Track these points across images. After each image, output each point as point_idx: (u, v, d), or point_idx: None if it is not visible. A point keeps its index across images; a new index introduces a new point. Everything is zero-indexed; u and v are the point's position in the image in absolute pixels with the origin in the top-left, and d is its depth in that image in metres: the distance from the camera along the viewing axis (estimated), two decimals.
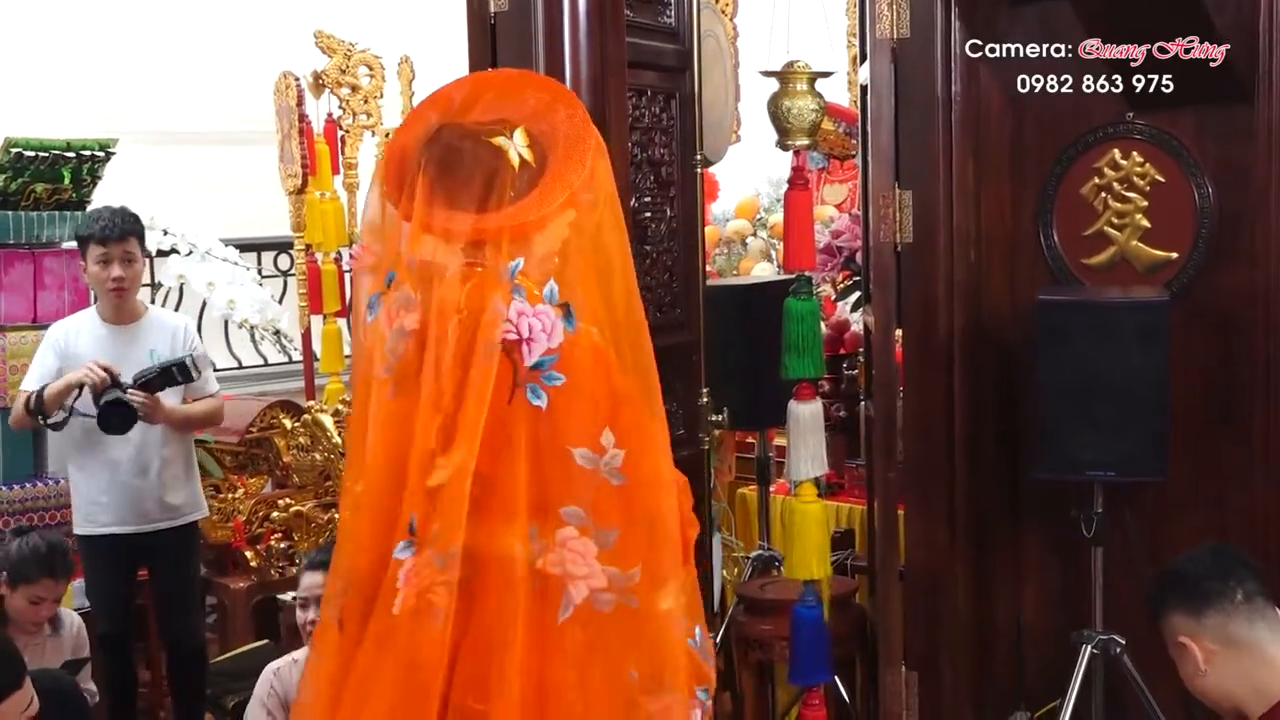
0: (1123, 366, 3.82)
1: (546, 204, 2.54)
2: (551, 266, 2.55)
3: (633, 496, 2.52)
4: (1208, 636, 2.73)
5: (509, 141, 2.57)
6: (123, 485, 4.75)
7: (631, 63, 3.70)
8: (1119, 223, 4.14)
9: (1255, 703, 2.70)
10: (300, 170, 6.47)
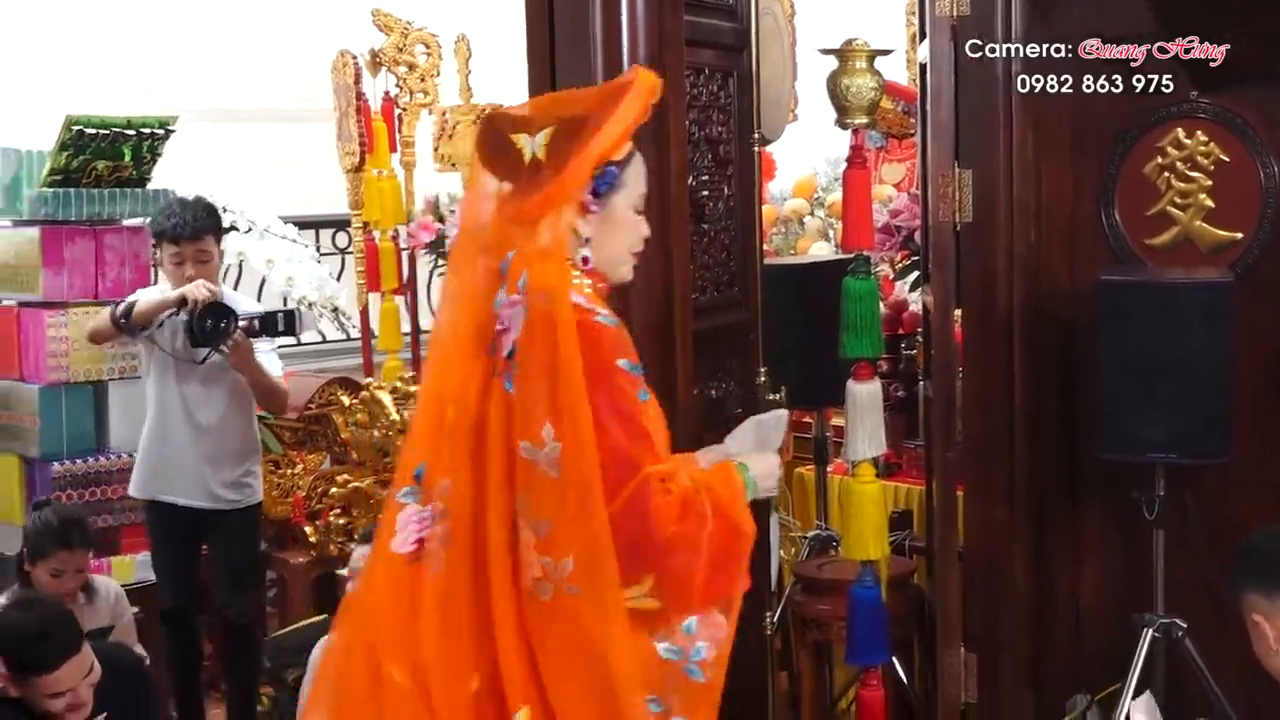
0: (1185, 347, 3.79)
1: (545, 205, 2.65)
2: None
3: (565, 490, 2.53)
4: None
5: (528, 139, 2.66)
6: (190, 462, 4.82)
7: (689, 41, 3.70)
8: (1182, 202, 4.11)
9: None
10: (358, 148, 6.50)
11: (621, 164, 2.74)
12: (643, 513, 2.57)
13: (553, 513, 2.54)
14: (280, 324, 4.76)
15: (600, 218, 2.75)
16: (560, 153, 2.65)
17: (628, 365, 2.64)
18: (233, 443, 4.89)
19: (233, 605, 4.96)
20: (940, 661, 4.27)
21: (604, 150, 2.67)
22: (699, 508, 2.63)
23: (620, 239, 2.80)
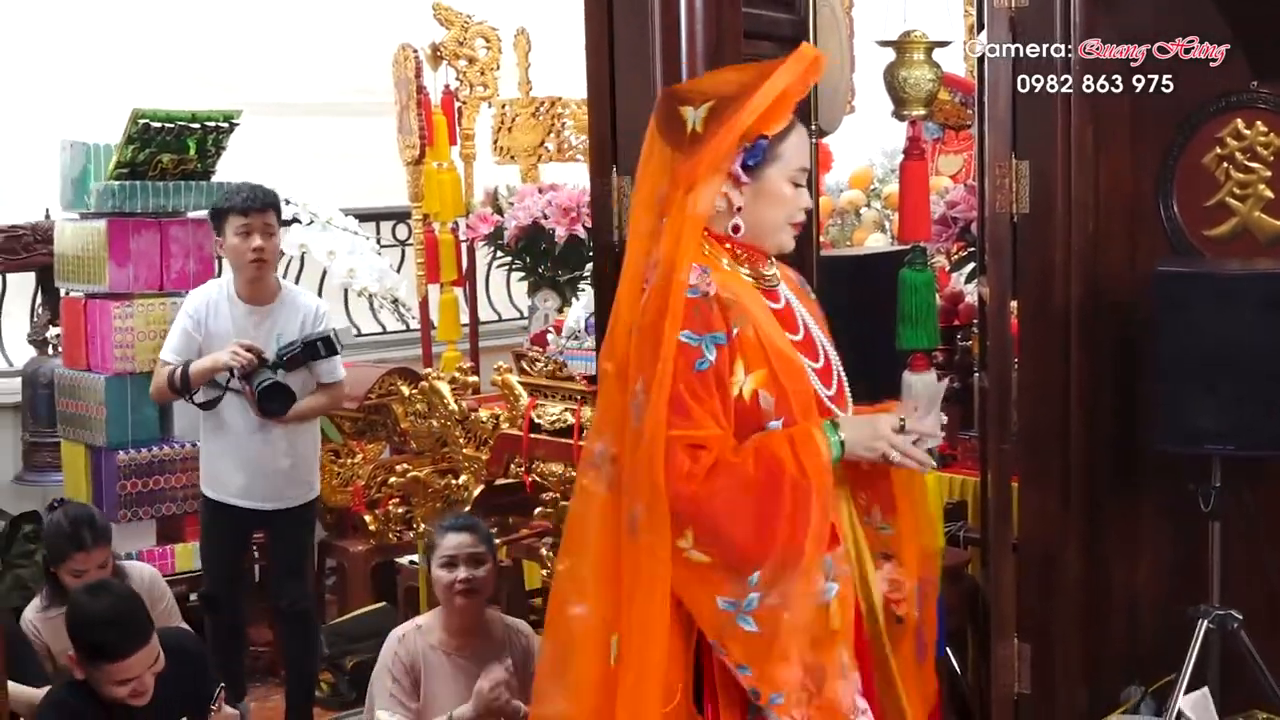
0: (1244, 339, 3.78)
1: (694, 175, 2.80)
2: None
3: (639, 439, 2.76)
4: None
5: (691, 111, 2.81)
6: (251, 463, 4.90)
7: (747, 33, 3.70)
8: (1241, 193, 4.08)
9: None
10: (418, 141, 6.53)
11: (777, 138, 2.84)
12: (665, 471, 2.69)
13: (630, 459, 2.75)
14: (321, 350, 4.86)
15: (752, 189, 2.86)
16: (713, 125, 2.78)
17: (687, 336, 2.74)
18: (295, 446, 4.98)
19: (287, 596, 5.03)
20: (994, 652, 4.25)
21: (750, 123, 2.78)
22: (738, 467, 2.72)
23: (774, 210, 2.89)
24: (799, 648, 2.76)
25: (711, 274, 2.81)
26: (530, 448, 5.07)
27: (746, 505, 2.73)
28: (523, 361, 5.34)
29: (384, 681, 4.18)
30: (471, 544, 4.21)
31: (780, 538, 2.73)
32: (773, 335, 2.84)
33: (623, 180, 3.60)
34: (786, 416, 2.80)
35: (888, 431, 2.83)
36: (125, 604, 3.78)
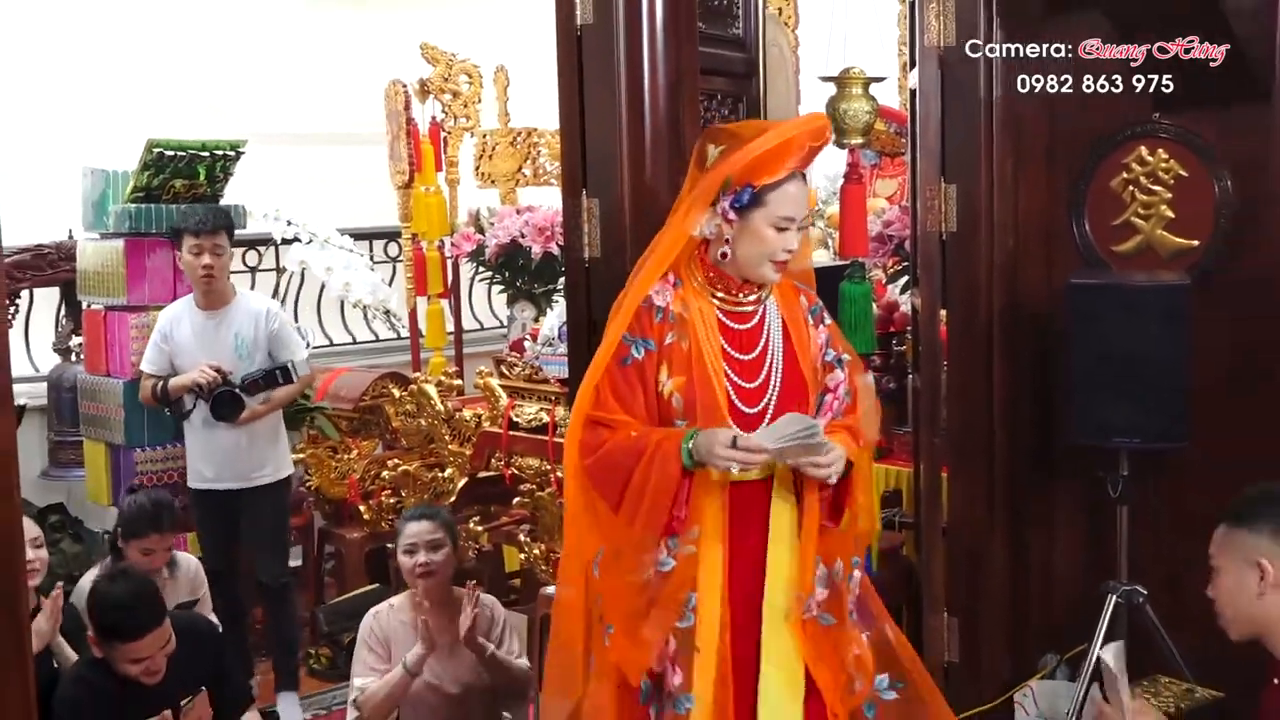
0: (1147, 344, 3.80)
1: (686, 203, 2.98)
2: None
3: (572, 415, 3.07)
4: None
5: (713, 149, 2.95)
6: (222, 451, 4.98)
7: (703, 70, 3.70)
8: (1145, 213, 4.11)
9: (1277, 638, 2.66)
10: (407, 167, 6.54)
11: (767, 187, 2.89)
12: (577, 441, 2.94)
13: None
14: (279, 378, 4.96)
15: (739, 227, 2.91)
16: (718, 163, 2.91)
17: (625, 336, 2.94)
18: (258, 439, 5.03)
19: (265, 571, 5.05)
20: (926, 625, 4.27)
21: (732, 172, 2.87)
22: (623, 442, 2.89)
23: (755, 248, 2.93)
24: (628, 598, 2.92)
25: (680, 289, 2.95)
26: (509, 444, 5.07)
27: (615, 478, 2.90)
28: (502, 366, 5.34)
29: (361, 654, 4.21)
30: (430, 531, 4.21)
31: (628, 510, 2.88)
32: (705, 352, 2.94)
33: (591, 202, 3.61)
34: (691, 417, 2.92)
35: (718, 448, 2.82)
36: (141, 590, 3.75)
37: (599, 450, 2.90)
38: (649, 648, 2.90)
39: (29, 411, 5.83)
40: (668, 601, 2.89)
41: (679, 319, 2.93)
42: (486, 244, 6.04)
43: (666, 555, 2.89)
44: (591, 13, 3.54)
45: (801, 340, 3.05)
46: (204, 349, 4.94)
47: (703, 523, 2.90)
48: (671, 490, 2.84)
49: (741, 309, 3.00)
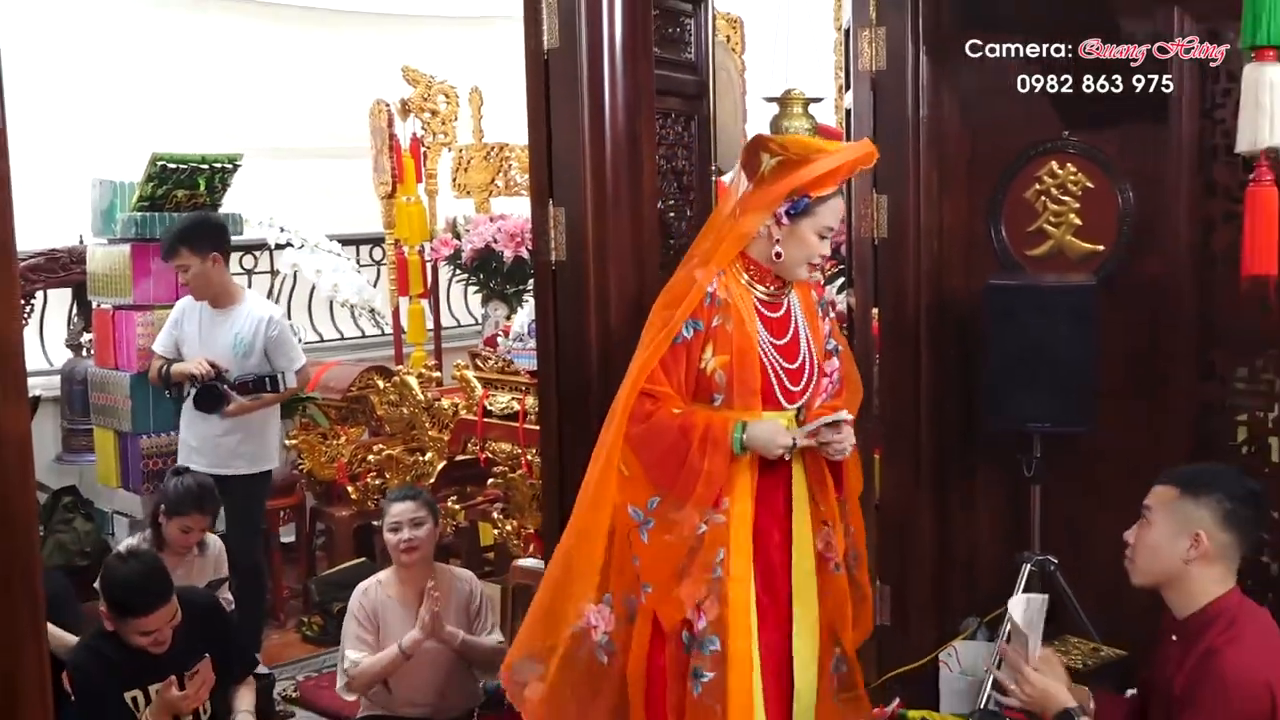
0: (1057, 340, 3.83)
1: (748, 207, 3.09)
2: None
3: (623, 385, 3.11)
4: (1216, 546, 2.65)
5: (767, 158, 3.05)
6: (209, 438, 4.96)
7: (659, 91, 3.72)
8: (1055, 221, 4.14)
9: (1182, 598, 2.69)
10: (390, 179, 6.52)
11: (818, 200, 3.03)
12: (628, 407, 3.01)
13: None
14: (267, 385, 4.95)
15: (788, 230, 3.04)
16: (775, 176, 3.01)
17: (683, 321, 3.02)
18: (239, 425, 4.98)
19: (238, 551, 4.93)
20: None
21: (797, 185, 3.00)
22: (669, 420, 2.97)
23: (800, 251, 3.07)
24: (669, 561, 2.99)
25: (724, 279, 3.06)
26: (484, 430, 5.07)
27: (661, 450, 2.99)
28: (477, 359, 5.34)
29: (351, 627, 4.21)
30: (412, 510, 4.22)
31: (676, 482, 2.97)
32: (749, 334, 3.03)
33: (558, 211, 3.61)
34: (729, 391, 3.01)
35: (784, 439, 2.99)
36: (150, 570, 3.73)
37: (646, 421, 2.99)
38: (684, 605, 3.00)
39: (44, 402, 5.80)
40: (704, 556, 3.00)
41: (724, 304, 3.03)
42: (463, 249, 6.03)
43: (706, 520, 2.99)
44: (558, 39, 3.55)
45: (815, 329, 3.18)
46: (206, 341, 4.94)
47: (733, 493, 3.01)
48: (724, 478, 2.97)
49: (775, 299, 3.12)
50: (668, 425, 2.98)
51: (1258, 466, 3.85)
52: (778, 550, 3.10)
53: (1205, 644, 2.58)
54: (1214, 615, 2.62)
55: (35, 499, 2.24)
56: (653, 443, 3.00)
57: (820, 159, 3.02)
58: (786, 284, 3.15)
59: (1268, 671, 2.49)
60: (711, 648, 2.99)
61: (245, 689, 4.00)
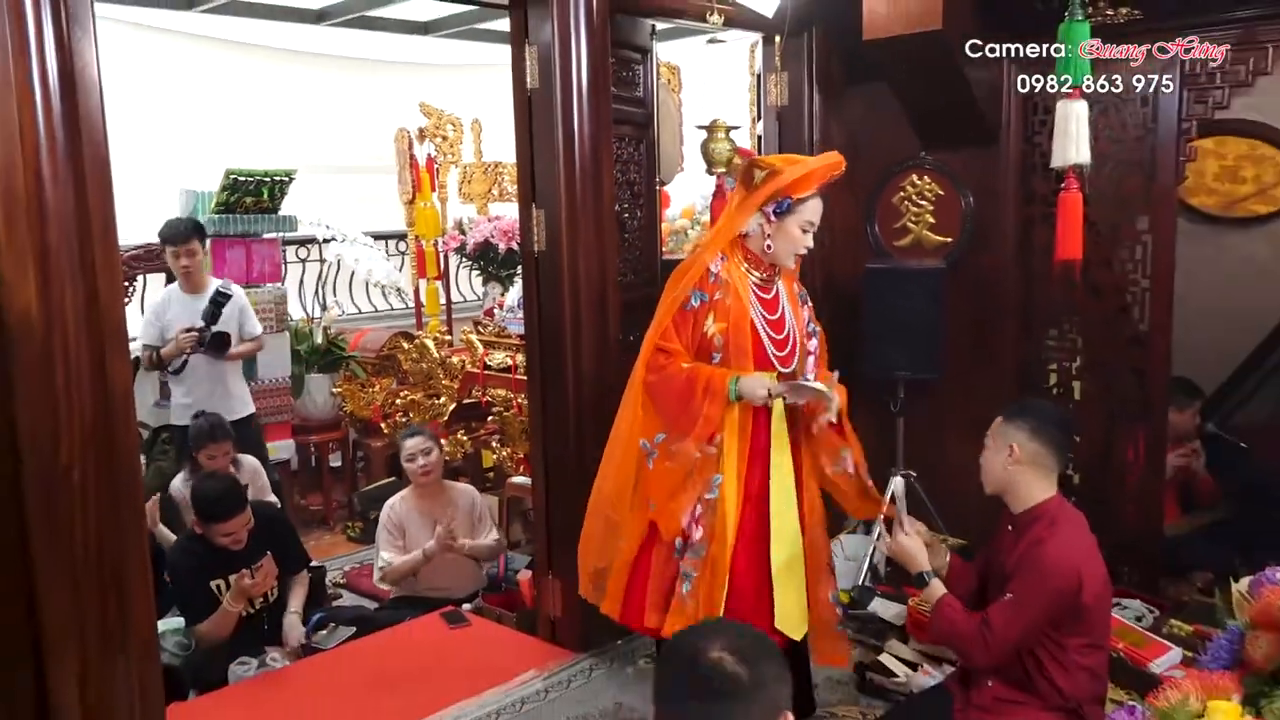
0: (916, 308, 3.87)
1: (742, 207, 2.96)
2: None
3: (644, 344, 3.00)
4: (1019, 446, 2.69)
5: (759, 172, 2.92)
6: (192, 393, 4.72)
7: (615, 120, 3.69)
8: (915, 220, 4.17)
9: (1014, 500, 2.73)
10: (410, 189, 6.46)
11: (799, 200, 2.91)
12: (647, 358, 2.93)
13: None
14: (219, 342, 4.67)
15: (776, 226, 2.92)
16: (765, 182, 2.90)
17: (691, 291, 2.91)
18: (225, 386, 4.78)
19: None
20: None
21: (779, 188, 2.89)
22: (679, 372, 2.88)
23: (786, 243, 2.95)
24: (669, 483, 2.91)
25: (727, 263, 2.95)
26: (484, 380, 5.05)
27: (670, 395, 2.89)
28: (479, 326, 5.32)
29: (382, 535, 4.21)
30: (421, 443, 4.22)
31: (679, 421, 2.88)
32: (744, 308, 2.94)
33: (539, 212, 3.59)
34: (726, 351, 2.92)
35: (762, 390, 2.90)
36: (229, 486, 3.72)
37: (660, 371, 2.91)
38: (679, 515, 2.93)
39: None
40: (698, 480, 2.93)
41: (725, 282, 2.92)
42: (467, 242, 6.01)
43: (700, 450, 2.92)
44: (538, 81, 3.52)
45: (797, 312, 3.08)
46: (190, 319, 4.68)
47: (725, 430, 2.93)
48: (720, 419, 2.89)
49: (766, 283, 3.01)
50: (677, 375, 2.89)
51: (1064, 403, 3.91)
52: (760, 477, 3.01)
53: (1032, 536, 2.62)
54: (1039, 514, 2.66)
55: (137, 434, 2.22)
56: (664, 389, 2.91)
57: (793, 167, 2.92)
58: (775, 273, 3.03)
59: (1077, 559, 2.54)
60: (700, 553, 2.93)
61: (299, 586, 3.96)
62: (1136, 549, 3.78)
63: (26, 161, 2.06)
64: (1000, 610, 2.61)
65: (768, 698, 1.45)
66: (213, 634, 3.64)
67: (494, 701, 3.35)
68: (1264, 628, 2.11)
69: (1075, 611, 2.54)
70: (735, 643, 1.46)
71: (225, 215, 5.33)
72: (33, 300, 2.05)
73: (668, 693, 1.48)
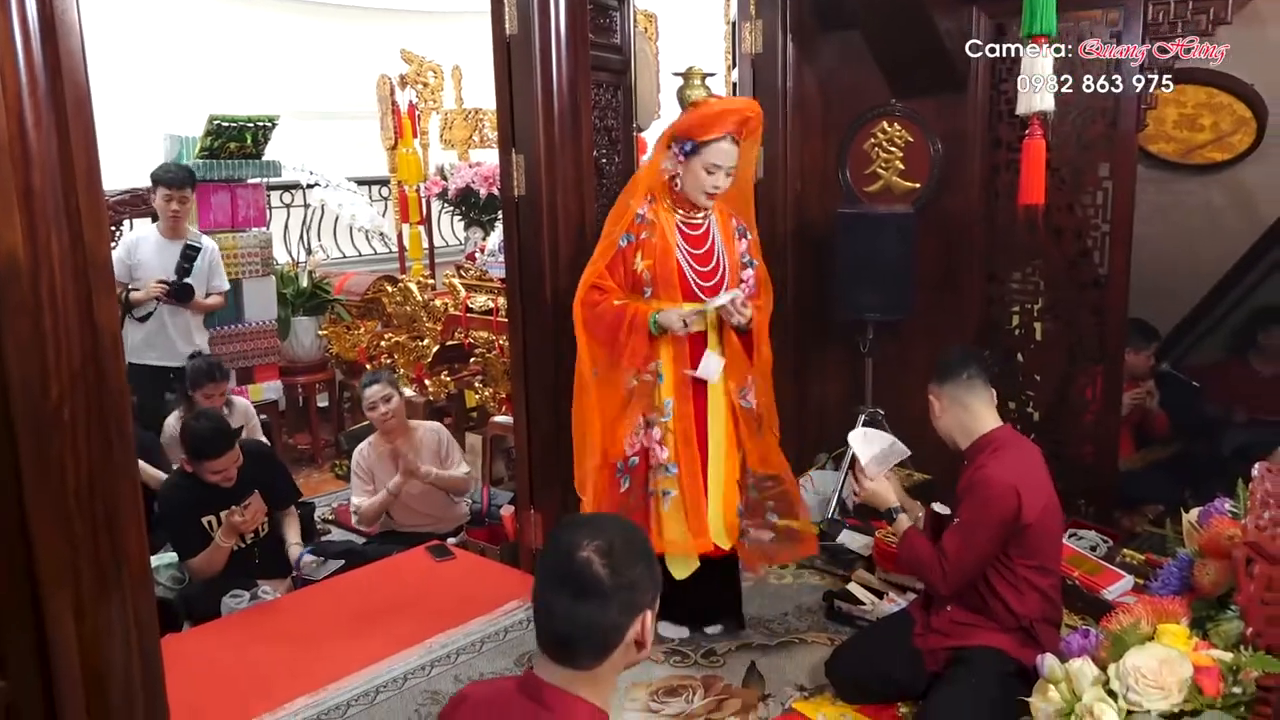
0: (886, 252, 3.87)
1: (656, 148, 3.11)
2: None
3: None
4: (946, 396, 2.75)
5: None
6: (152, 337, 4.67)
7: (593, 67, 3.64)
8: (885, 166, 4.14)
9: (963, 438, 2.76)
10: (393, 135, 6.35)
11: (703, 143, 3.00)
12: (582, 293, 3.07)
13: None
14: (183, 294, 4.65)
15: (684, 166, 3.04)
16: (672, 125, 3.05)
17: (621, 234, 3.04)
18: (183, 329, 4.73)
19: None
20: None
21: (679, 130, 3.02)
22: (609, 309, 3.03)
23: (693, 181, 3.05)
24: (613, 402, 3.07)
25: (654, 204, 3.08)
26: (467, 323, 5.02)
27: (602, 330, 3.05)
28: (461, 270, 5.27)
29: (355, 480, 4.24)
30: (380, 390, 4.20)
31: (612, 352, 3.04)
32: (669, 245, 3.05)
33: (519, 158, 3.55)
34: (654, 285, 3.05)
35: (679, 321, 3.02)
36: (217, 426, 3.70)
37: (594, 307, 3.05)
38: (621, 439, 3.07)
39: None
40: (637, 406, 3.06)
41: (651, 223, 3.06)
42: (449, 188, 5.93)
43: (635, 378, 3.05)
44: (517, 28, 3.45)
45: (730, 245, 3.15)
46: (161, 264, 4.64)
47: (663, 358, 3.08)
48: (644, 350, 3.04)
49: (693, 221, 3.10)
50: (607, 312, 3.03)
51: (1026, 343, 3.93)
52: (697, 401, 3.11)
53: (978, 463, 2.67)
54: (985, 444, 2.71)
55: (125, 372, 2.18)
56: (596, 323, 3.05)
57: (695, 111, 3.04)
58: (705, 211, 3.10)
59: (1016, 480, 2.59)
60: (672, 471, 3.07)
61: (292, 520, 3.97)
62: (1092, 483, 3.83)
63: (8, 105, 2.01)
64: (950, 536, 2.66)
65: (629, 599, 1.52)
66: (205, 568, 3.64)
67: (479, 630, 3.38)
68: (1212, 555, 2.14)
69: (1018, 532, 2.59)
70: (608, 543, 1.52)
71: (210, 160, 5.24)
72: (19, 243, 2.02)
73: (542, 578, 1.56)
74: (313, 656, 3.21)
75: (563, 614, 1.51)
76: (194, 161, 5.23)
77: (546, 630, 1.54)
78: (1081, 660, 1.94)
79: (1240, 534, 1.98)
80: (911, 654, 2.78)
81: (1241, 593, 1.82)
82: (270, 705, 2.93)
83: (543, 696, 1.53)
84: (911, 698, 2.79)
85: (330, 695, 2.99)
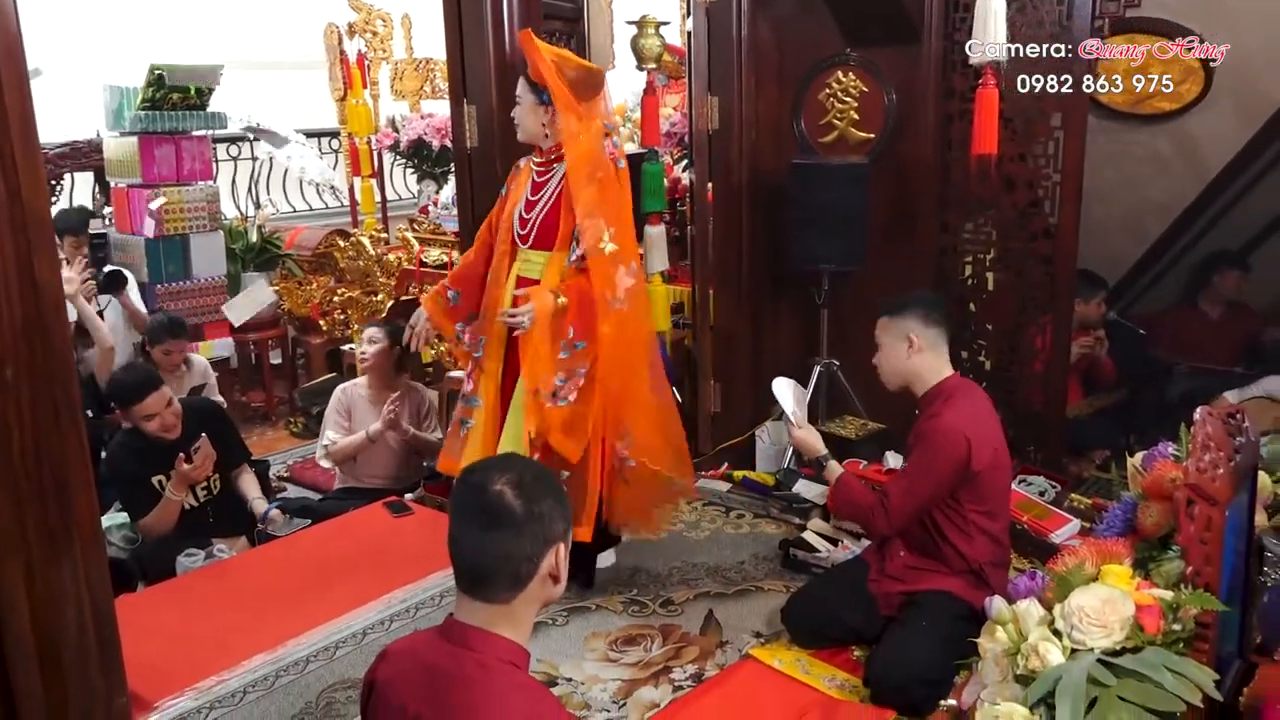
0: (840, 203, 3.87)
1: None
2: None
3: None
4: (927, 340, 2.75)
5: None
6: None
7: (546, 15, 3.60)
8: (840, 116, 4.13)
9: (918, 385, 2.79)
10: (342, 85, 6.23)
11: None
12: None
13: None
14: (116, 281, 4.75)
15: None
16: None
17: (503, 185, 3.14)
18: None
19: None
20: (699, 388, 4.38)
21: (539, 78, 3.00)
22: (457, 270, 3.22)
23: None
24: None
25: (529, 158, 3.13)
26: (421, 277, 4.98)
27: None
28: (414, 224, 5.21)
29: (331, 415, 4.17)
30: (372, 333, 4.23)
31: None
32: (519, 196, 3.11)
33: (471, 108, 3.50)
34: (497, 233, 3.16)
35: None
36: (136, 369, 3.73)
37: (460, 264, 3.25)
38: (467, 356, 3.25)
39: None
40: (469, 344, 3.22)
41: (516, 174, 3.16)
42: (400, 140, 5.84)
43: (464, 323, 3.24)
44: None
45: (562, 213, 3.02)
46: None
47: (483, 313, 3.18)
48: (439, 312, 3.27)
49: (542, 170, 3.09)
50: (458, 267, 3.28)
51: (978, 293, 3.97)
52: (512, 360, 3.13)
53: (931, 411, 2.71)
54: (938, 392, 2.74)
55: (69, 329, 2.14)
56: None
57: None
58: (548, 159, 3.06)
59: (966, 428, 2.63)
60: (475, 403, 3.17)
61: (249, 477, 3.92)
62: (1041, 430, 3.90)
63: None
64: (896, 481, 2.71)
65: (541, 530, 1.57)
66: (157, 526, 3.60)
67: (438, 585, 3.39)
68: (1154, 498, 2.20)
69: (968, 479, 2.64)
70: (519, 477, 1.57)
71: (152, 112, 5.11)
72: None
73: (456, 512, 1.59)
74: (271, 613, 3.20)
75: (476, 545, 1.55)
76: (136, 113, 5.10)
77: (461, 564, 1.58)
78: (1028, 601, 1.98)
79: (1182, 476, 2.03)
80: (866, 599, 2.83)
81: (1182, 533, 1.87)
82: (229, 662, 2.92)
83: (463, 637, 1.57)
84: (866, 641, 2.85)
85: (289, 651, 2.99)
